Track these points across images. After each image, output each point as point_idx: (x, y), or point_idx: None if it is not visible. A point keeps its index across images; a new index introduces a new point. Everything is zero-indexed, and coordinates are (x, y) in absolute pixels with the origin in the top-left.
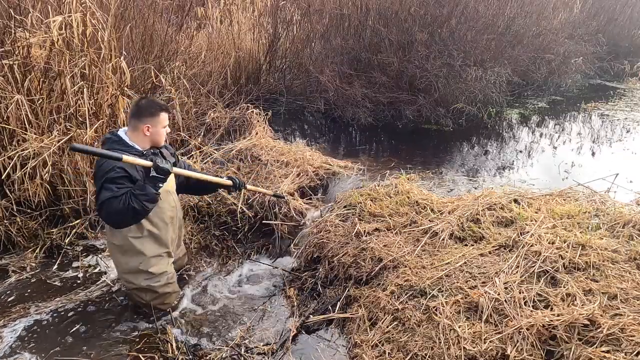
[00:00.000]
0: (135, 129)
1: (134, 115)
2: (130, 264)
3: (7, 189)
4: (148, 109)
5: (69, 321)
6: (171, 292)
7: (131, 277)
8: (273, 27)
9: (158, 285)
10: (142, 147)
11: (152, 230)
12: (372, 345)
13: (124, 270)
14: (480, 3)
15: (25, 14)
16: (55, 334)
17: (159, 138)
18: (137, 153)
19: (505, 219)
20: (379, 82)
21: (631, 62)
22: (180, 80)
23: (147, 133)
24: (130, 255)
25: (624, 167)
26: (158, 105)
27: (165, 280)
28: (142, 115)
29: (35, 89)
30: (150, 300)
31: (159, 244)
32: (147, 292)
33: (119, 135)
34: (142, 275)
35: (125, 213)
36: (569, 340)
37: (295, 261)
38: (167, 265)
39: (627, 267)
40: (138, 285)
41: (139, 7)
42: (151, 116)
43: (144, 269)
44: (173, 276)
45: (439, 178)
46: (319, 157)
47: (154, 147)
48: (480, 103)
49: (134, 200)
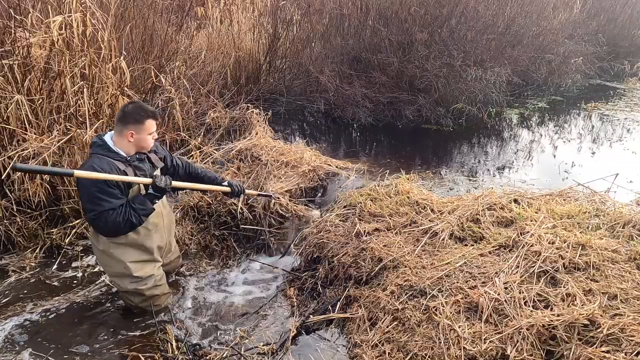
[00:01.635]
0: (120, 134)
1: (119, 120)
2: (114, 269)
3: (7, 189)
4: (133, 114)
5: (68, 321)
6: (159, 294)
7: (118, 281)
8: (273, 27)
9: (145, 288)
10: (127, 152)
11: (133, 237)
12: (372, 345)
13: (110, 273)
14: (480, 3)
15: (25, 14)
16: (54, 333)
17: (144, 144)
18: (121, 159)
19: (505, 219)
20: (379, 82)
21: (631, 62)
22: (180, 80)
23: (130, 139)
24: (114, 260)
25: (624, 167)
26: (144, 111)
27: (152, 283)
28: (127, 122)
29: (35, 89)
30: (139, 303)
31: (141, 250)
32: (134, 295)
33: (104, 139)
34: (128, 279)
35: (122, 225)
36: (569, 340)
37: (295, 261)
38: (154, 269)
39: (627, 267)
40: (125, 288)
41: (139, 7)
42: (136, 123)
43: (128, 273)
44: (161, 278)
45: (439, 178)
46: (318, 157)
47: (140, 152)
48: (480, 103)
49: (132, 214)
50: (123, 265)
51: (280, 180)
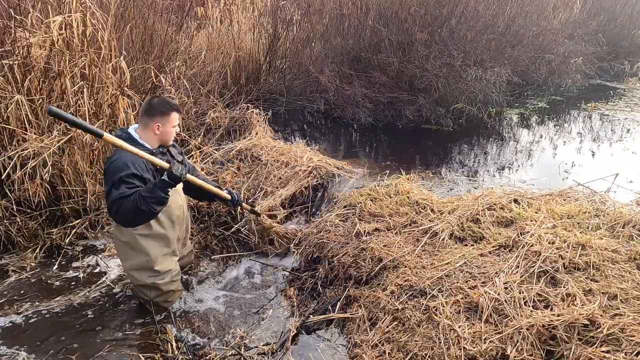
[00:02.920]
0: (146, 126)
1: (146, 113)
2: (136, 261)
3: (7, 189)
4: (160, 107)
5: (68, 321)
6: (175, 290)
7: (136, 274)
8: (273, 27)
9: (162, 283)
10: (152, 145)
11: (158, 229)
12: (372, 345)
13: (130, 266)
14: (480, 3)
15: (25, 14)
16: (54, 333)
17: (168, 137)
18: (148, 152)
19: (505, 219)
20: (379, 82)
21: (631, 62)
22: (180, 80)
23: (157, 132)
24: (137, 253)
25: (624, 167)
26: (170, 104)
27: (169, 278)
28: (154, 114)
29: (35, 89)
30: (154, 298)
31: (164, 242)
32: (151, 289)
33: (129, 132)
34: (147, 273)
35: (134, 213)
36: (569, 340)
37: (295, 261)
38: (173, 264)
39: (627, 267)
40: (143, 282)
41: (139, 7)
42: (162, 115)
43: (150, 267)
44: (178, 274)
45: (439, 178)
46: (318, 157)
47: (162, 145)
48: (480, 103)
49: (142, 202)
50: (146, 258)
51: (276, 188)
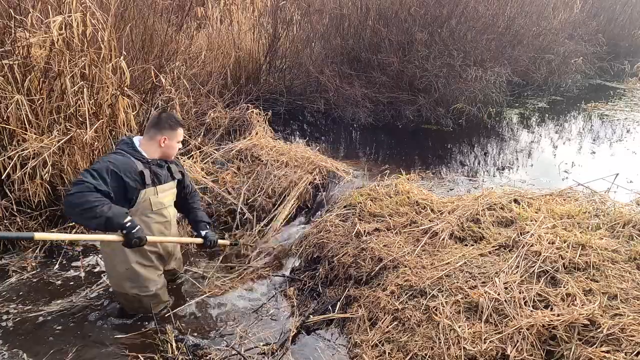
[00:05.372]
0: (152, 138)
1: (154, 126)
2: (117, 269)
3: (7, 189)
4: (168, 121)
5: (68, 321)
6: (158, 302)
7: (119, 282)
8: (273, 27)
9: (144, 295)
10: (151, 156)
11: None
12: (372, 345)
13: (112, 274)
14: (480, 3)
15: (25, 14)
16: (55, 333)
17: (171, 152)
18: (142, 160)
19: (505, 219)
20: (379, 82)
21: (631, 62)
22: (180, 80)
23: (162, 144)
24: (118, 259)
25: (624, 167)
26: (177, 120)
27: (154, 289)
28: (163, 127)
29: (35, 89)
30: (138, 308)
31: (144, 258)
32: (133, 299)
33: (133, 140)
34: (129, 283)
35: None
36: (569, 340)
37: (296, 261)
38: (156, 275)
39: (627, 267)
40: (125, 291)
41: (139, 7)
42: (170, 129)
43: (131, 276)
44: (162, 286)
45: (439, 178)
46: (318, 158)
47: (164, 159)
48: (480, 103)
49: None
50: (126, 267)
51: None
